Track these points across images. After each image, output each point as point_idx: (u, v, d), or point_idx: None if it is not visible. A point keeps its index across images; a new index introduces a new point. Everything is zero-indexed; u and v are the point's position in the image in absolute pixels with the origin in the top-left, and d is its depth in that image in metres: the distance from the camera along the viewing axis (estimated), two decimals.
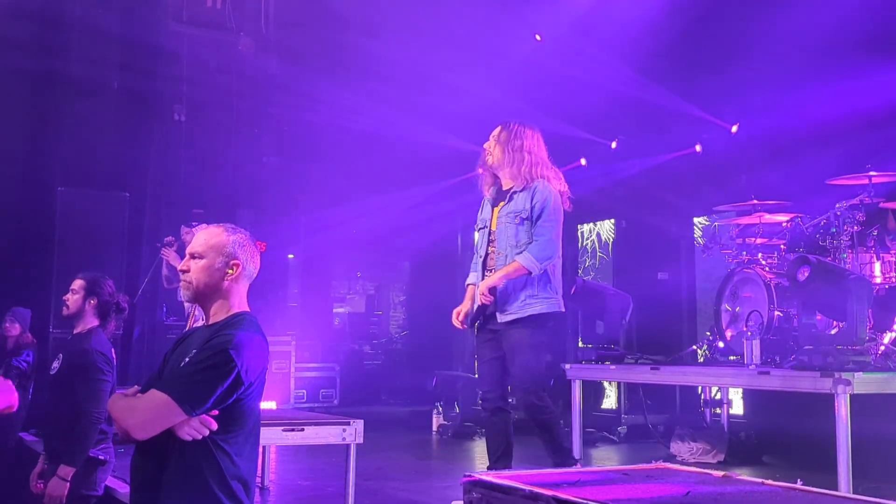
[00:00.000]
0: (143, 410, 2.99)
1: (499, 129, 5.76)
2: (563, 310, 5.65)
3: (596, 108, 10.93)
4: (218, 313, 3.24)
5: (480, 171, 5.84)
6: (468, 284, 5.84)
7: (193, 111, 12.44)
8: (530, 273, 5.44)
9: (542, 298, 5.49)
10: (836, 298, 6.26)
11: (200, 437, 3.00)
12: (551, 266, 5.54)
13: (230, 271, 3.23)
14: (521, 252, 5.49)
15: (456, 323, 5.71)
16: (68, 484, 4.69)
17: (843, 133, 8.26)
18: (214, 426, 3.02)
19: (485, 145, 5.79)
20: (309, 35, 12.38)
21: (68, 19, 11.50)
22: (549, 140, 5.85)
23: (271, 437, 5.37)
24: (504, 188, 5.73)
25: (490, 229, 5.71)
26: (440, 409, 11.07)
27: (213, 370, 3.00)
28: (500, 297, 5.49)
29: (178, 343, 3.34)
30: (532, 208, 5.54)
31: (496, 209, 5.71)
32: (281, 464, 7.85)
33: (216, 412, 3.03)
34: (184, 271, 3.24)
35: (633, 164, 11.14)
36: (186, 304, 8.88)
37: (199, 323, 8.31)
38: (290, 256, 15.47)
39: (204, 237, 3.28)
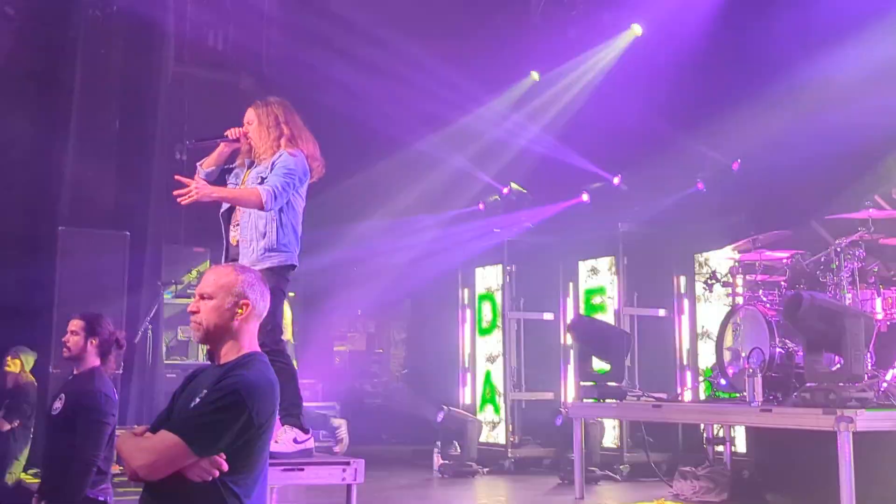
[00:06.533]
0: (153, 451, 2.96)
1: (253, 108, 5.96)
2: (297, 263, 5.56)
3: (600, 143, 10.98)
4: (228, 353, 3.21)
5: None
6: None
7: (195, 150, 12.45)
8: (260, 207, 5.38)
9: (279, 251, 5.41)
10: (832, 335, 6.25)
11: (210, 478, 2.98)
12: (287, 220, 5.49)
13: (240, 311, 3.20)
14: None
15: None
16: None
17: (842, 169, 8.28)
18: (225, 468, 3.00)
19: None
20: (309, 74, 12.43)
21: (70, 58, 11.56)
22: (554, 173, 5.92)
23: (270, 477, 5.30)
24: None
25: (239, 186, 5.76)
26: (439, 447, 10.99)
27: (224, 412, 2.98)
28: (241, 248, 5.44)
29: (188, 382, 3.31)
30: (272, 167, 5.59)
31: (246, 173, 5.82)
32: None
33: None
34: (193, 312, 3.21)
35: (636, 200, 11.15)
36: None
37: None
38: (291, 295, 15.43)
39: (213, 277, 3.26)
